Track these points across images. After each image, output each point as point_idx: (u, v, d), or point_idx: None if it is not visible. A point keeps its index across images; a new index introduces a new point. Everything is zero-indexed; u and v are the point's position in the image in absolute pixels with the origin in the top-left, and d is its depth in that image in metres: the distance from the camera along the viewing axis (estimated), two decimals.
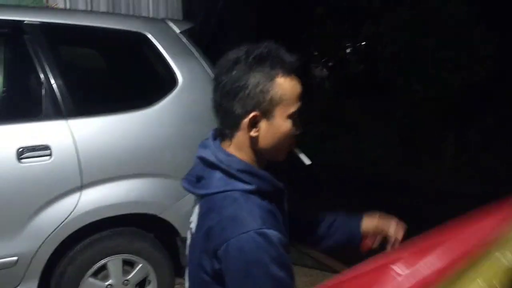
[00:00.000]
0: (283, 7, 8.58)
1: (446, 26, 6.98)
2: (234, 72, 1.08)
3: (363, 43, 9.46)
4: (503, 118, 7.59)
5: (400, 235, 1.36)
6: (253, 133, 1.10)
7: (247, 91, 1.07)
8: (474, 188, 5.68)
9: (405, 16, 7.49)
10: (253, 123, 1.10)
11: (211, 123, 1.23)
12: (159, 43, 2.78)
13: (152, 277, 2.70)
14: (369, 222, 1.41)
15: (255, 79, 1.07)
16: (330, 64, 10.46)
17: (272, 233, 1.03)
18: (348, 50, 10.25)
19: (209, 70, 2.81)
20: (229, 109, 1.10)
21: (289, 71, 1.11)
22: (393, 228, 1.38)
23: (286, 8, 8.64)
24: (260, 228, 1.02)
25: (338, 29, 9.46)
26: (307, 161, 1.26)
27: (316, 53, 10.50)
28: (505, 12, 6.52)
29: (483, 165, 6.25)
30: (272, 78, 1.08)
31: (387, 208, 1.54)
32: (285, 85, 1.09)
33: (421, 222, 1.44)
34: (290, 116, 1.11)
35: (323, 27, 9.45)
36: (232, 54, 1.11)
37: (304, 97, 1.12)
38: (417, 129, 6.83)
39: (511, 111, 7.78)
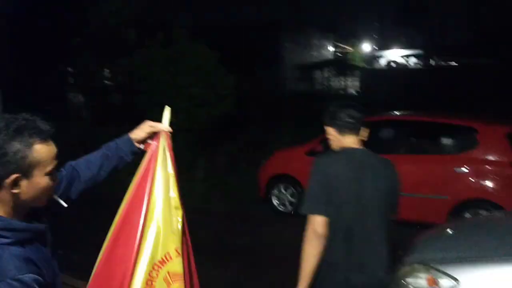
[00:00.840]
0: (39, 38, 8.37)
1: (193, 66, 7.95)
2: None
3: (120, 75, 9.82)
4: (245, 144, 8.86)
5: (166, 128, 1.73)
6: (14, 190, 1.25)
7: (7, 158, 1.22)
8: (220, 206, 6.58)
9: (156, 54, 8.17)
10: (15, 183, 1.24)
11: None
12: None
13: None
14: (140, 131, 1.72)
15: (14, 147, 1.23)
16: (86, 92, 10.53)
17: (28, 277, 1.19)
18: (107, 80, 10.49)
19: None
20: None
21: (45, 137, 1.28)
22: (162, 125, 1.73)
23: (42, 38, 8.44)
24: (17, 275, 1.18)
25: (95, 60, 9.65)
26: (63, 204, 1.53)
27: (72, 81, 10.46)
28: (241, 59, 7.77)
29: (229, 186, 7.22)
30: (30, 146, 1.24)
31: None
32: (42, 150, 1.26)
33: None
34: (48, 174, 1.29)
35: (80, 57, 9.51)
36: None
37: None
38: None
39: (251, 137, 9.14)
